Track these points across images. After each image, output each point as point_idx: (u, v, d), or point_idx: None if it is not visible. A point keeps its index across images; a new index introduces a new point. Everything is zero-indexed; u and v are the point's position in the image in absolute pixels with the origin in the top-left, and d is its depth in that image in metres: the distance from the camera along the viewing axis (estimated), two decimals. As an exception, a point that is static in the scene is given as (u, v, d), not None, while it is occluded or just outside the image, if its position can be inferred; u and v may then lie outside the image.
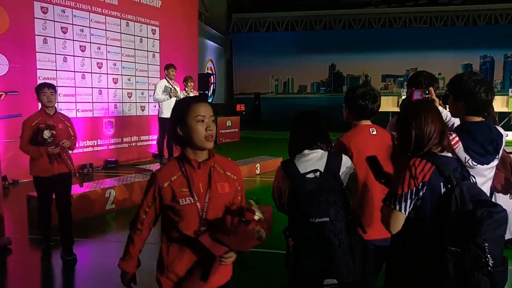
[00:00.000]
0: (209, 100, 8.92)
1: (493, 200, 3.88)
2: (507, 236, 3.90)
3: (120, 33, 9.12)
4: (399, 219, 1.74)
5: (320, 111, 2.25)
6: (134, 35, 9.47)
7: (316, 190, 1.90)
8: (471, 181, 1.75)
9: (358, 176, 2.17)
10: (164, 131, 7.47)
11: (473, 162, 2.11)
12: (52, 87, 3.85)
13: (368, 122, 2.44)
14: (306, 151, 2.08)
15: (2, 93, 6.52)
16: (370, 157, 2.12)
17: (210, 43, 18.75)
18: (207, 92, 13.34)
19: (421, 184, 1.69)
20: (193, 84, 7.71)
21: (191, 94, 7.59)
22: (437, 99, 2.57)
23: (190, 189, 1.68)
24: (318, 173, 1.97)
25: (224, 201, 1.72)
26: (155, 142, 9.82)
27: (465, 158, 2.10)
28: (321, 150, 2.09)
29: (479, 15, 19.19)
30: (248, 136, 15.53)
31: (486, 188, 2.20)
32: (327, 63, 20.95)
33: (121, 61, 9.19)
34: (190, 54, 11.02)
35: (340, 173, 2.04)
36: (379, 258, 2.28)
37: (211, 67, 19.01)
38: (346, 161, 2.10)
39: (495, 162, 2.20)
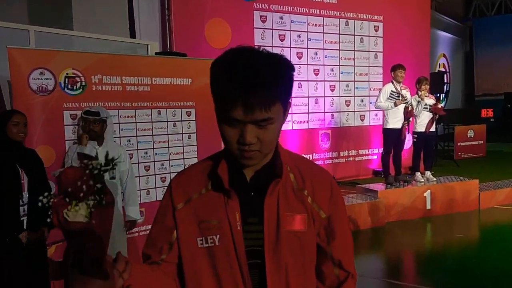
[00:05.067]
0: (442, 104, 8.01)
1: None
2: None
3: (339, 34, 9.12)
4: None
5: None
6: (354, 35, 9.32)
7: None
8: None
9: None
10: (389, 144, 7.03)
11: None
12: None
13: None
14: None
15: None
16: None
17: (443, 34, 17.23)
18: (438, 95, 12.21)
19: None
20: (427, 87, 6.99)
21: (426, 100, 6.89)
22: None
23: None
24: None
25: None
26: (376, 157, 9.45)
27: None
28: None
29: None
30: (498, 150, 13.56)
31: None
32: None
33: (339, 65, 9.19)
34: (420, 50, 10.16)
35: None
36: None
37: (443, 64, 17.48)
38: None
39: None
